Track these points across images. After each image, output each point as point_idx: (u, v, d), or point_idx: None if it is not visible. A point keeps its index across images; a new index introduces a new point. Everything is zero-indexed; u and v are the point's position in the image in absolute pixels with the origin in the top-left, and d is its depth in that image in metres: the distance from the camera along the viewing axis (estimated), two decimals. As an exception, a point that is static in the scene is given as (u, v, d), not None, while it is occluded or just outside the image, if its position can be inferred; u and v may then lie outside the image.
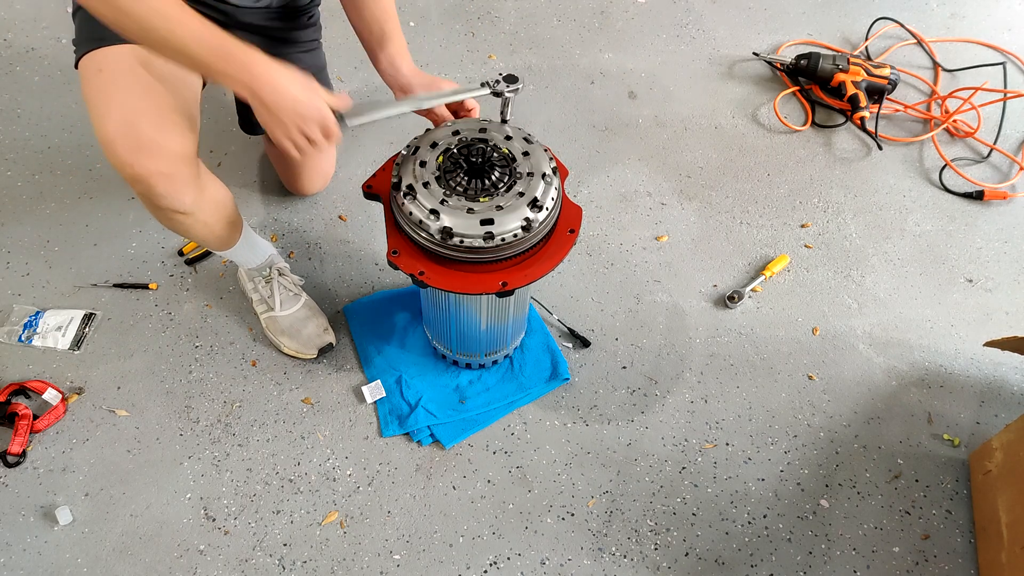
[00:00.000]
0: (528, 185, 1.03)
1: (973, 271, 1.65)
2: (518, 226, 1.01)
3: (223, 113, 1.77)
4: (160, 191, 1.03)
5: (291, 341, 1.40)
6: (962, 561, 1.26)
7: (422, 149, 1.06)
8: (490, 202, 1.02)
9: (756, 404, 1.42)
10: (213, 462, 1.30)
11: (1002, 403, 1.45)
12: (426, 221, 1.00)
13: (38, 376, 1.37)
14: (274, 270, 1.42)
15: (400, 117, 1.09)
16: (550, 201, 1.04)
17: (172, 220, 1.12)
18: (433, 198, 1.01)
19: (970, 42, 2.13)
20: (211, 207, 1.15)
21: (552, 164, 1.07)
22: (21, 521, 1.23)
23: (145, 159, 0.99)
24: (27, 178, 1.64)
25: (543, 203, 1.02)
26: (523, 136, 1.09)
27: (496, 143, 1.07)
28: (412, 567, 1.22)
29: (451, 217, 1.00)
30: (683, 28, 2.12)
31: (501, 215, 1.00)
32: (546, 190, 1.03)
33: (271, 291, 1.41)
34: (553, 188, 1.05)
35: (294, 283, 1.44)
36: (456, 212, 1.00)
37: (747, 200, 1.74)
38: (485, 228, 0.99)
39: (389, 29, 1.19)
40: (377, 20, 1.19)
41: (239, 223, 1.28)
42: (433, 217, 1.00)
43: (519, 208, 1.01)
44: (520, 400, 1.39)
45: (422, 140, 1.08)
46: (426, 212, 1.00)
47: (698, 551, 1.26)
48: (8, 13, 1.95)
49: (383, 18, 1.19)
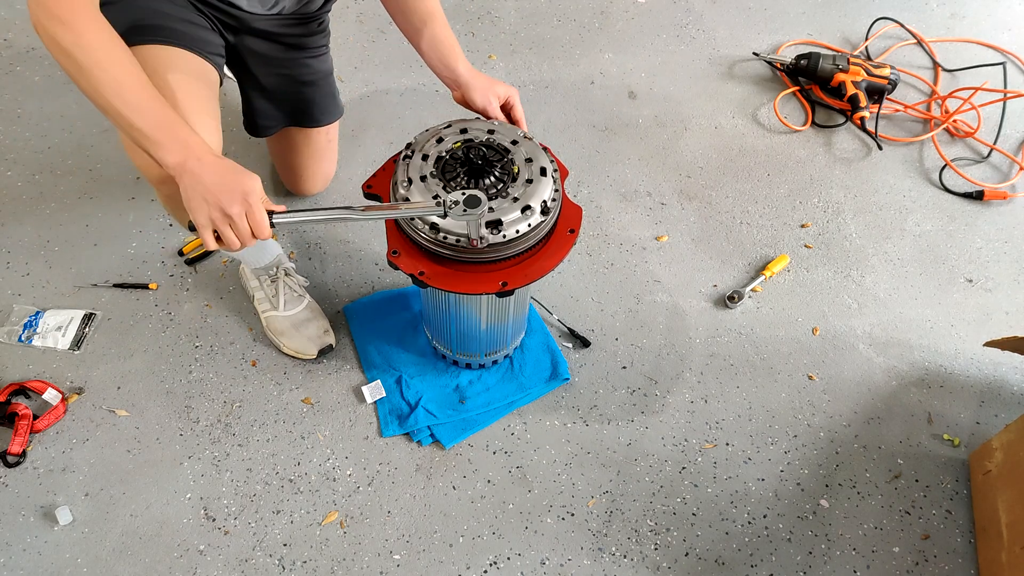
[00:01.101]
0: (523, 191, 1.03)
1: (973, 271, 1.65)
2: (524, 223, 1.01)
3: (223, 113, 1.76)
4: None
5: (291, 341, 1.40)
6: (962, 561, 1.26)
7: (428, 143, 1.07)
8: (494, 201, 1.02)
9: (756, 404, 1.42)
10: (213, 462, 1.30)
11: (1002, 403, 1.45)
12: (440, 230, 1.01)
13: (38, 376, 1.37)
14: (281, 270, 1.42)
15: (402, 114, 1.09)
16: (551, 198, 1.04)
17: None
18: (428, 192, 1.01)
19: (970, 42, 2.13)
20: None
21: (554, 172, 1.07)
22: (21, 521, 1.23)
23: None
24: (27, 178, 1.64)
25: (545, 198, 1.03)
26: (543, 165, 1.07)
27: (514, 158, 1.07)
28: (412, 567, 1.22)
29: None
30: (683, 28, 2.12)
31: (505, 213, 1.01)
32: (543, 186, 1.04)
33: (276, 291, 1.41)
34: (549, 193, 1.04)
35: (299, 284, 1.44)
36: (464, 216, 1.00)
37: (747, 200, 1.74)
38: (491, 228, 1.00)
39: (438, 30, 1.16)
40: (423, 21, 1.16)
41: None
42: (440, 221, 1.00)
43: (510, 213, 1.01)
44: (520, 400, 1.39)
45: (455, 124, 1.09)
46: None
47: (698, 551, 1.26)
48: (8, 13, 1.95)
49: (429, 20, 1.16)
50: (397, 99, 1.87)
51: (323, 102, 1.44)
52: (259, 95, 1.37)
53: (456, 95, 1.19)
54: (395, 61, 1.93)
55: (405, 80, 1.90)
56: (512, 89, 1.18)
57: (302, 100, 1.41)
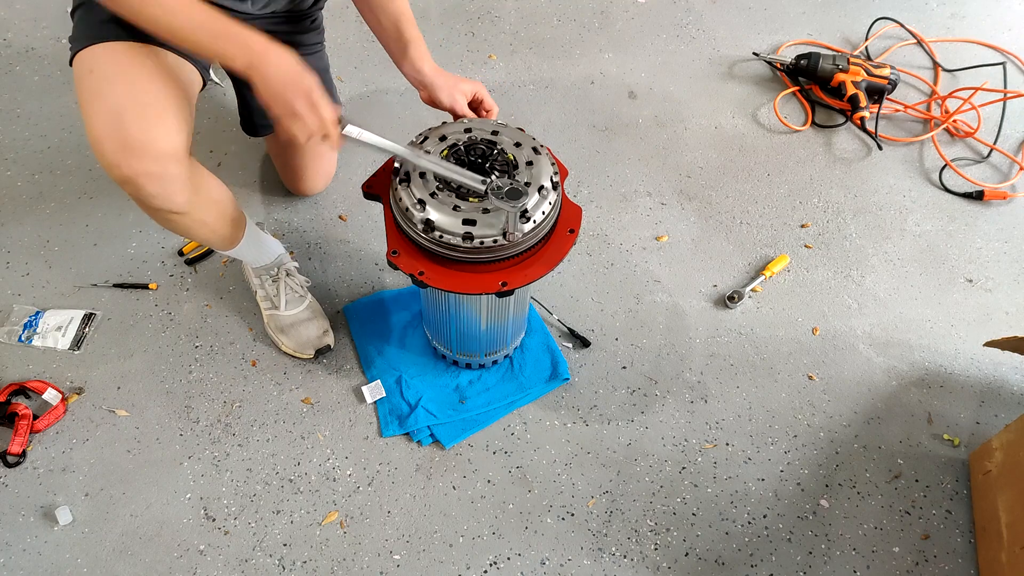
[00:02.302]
0: (530, 174, 1.04)
1: (973, 271, 1.65)
2: (498, 233, 1.01)
3: (223, 113, 1.77)
4: (150, 191, 1.01)
5: (290, 340, 1.40)
6: (962, 561, 1.26)
7: (430, 140, 1.07)
8: (479, 204, 1.02)
9: (756, 404, 1.42)
10: (213, 462, 1.30)
11: (1002, 403, 1.45)
12: (412, 210, 1.01)
13: (38, 376, 1.37)
14: (282, 270, 1.42)
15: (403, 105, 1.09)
16: (540, 215, 1.03)
17: (168, 220, 1.11)
18: (424, 189, 1.02)
19: (970, 42, 2.13)
20: (208, 206, 1.14)
21: (554, 177, 1.06)
22: (21, 521, 1.23)
23: (132, 159, 0.97)
24: (27, 178, 1.64)
25: (532, 216, 1.02)
26: (532, 146, 1.08)
27: (503, 147, 1.07)
28: (412, 567, 1.22)
29: (435, 211, 1.00)
30: (683, 28, 2.12)
31: (485, 218, 1.00)
32: (538, 204, 1.03)
33: (277, 291, 1.41)
34: (547, 203, 1.04)
35: (301, 284, 1.44)
36: (442, 207, 1.00)
37: (747, 200, 1.74)
38: (466, 228, 1.00)
39: (405, 29, 1.19)
40: (392, 21, 1.19)
41: (241, 222, 1.28)
42: (419, 207, 1.01)
43: (531, 199, 1.01)
44: (520, 400, 1.39)
45: (432, 132, 1.09)
46: (414, 200, 1.01)
47: (698, 551, 1.26)
48: (8, 13, 1.95)
49: (398, 19, 1.19)
50: (397, 99, 1.87)
51: None
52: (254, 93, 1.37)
53: (423, 95, 1.20)
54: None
55: (404, 80, 1.88)
56: (477, 84, 1.18)
57: None
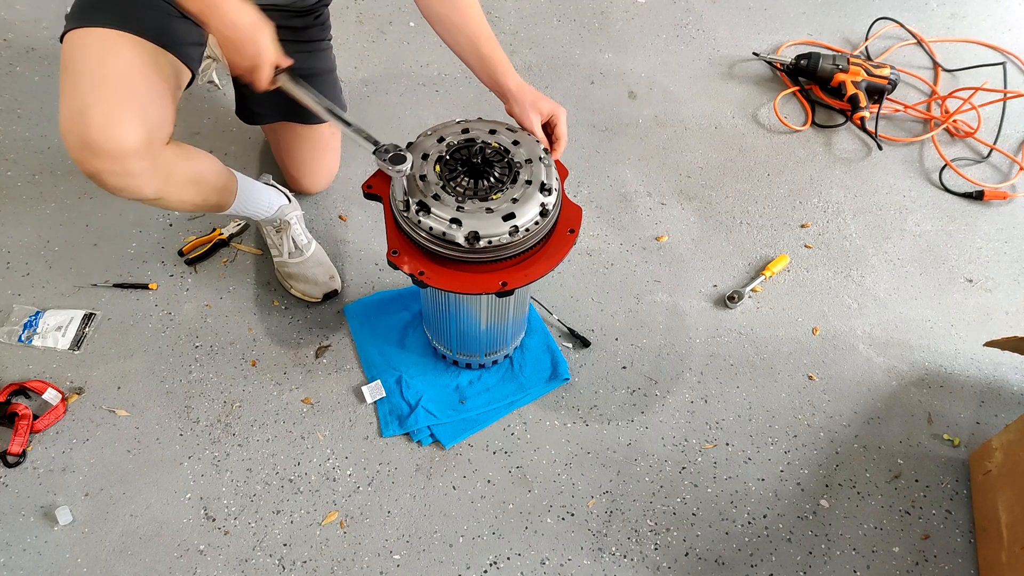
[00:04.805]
0: (532, 172, 1.05)
1: (973, 271, 1.65)
2: (537, 212, 1.02)
3: (223, 113, 1.77)
4: (113, 185, 1.01)
5: (299, 284, 1.47)
6: (962, 561, 1.26)
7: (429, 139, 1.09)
8: (503, 196, 1.02)
9: (756, 404, 1.42)
10: (213, 462, 1.30)
11: (1002, 403, 1.45)
12: (449, 232, 1.00)
13: (38, 376, 1.37)
14: (283, 222, 1.46)
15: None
16: (555, 182, 1.05)
17: (146, 203, 1.10)
18: (449, 208, 1.00)
19: (970, 42, 2.13)
20: (184, 187, 1.13)
21: (543, 147, 1.09)
22: (21, 521, 1.23)
23: (92, 158, 0.97)
24: (27, 178, 1.64)
25: (550, 185, 1.04)
26: (506, 127, 1.10)
27: (483, 140, 1.08)
28: (412, 567, 1.22)
29: (474, 220, 1.00)
30: (683, 28, 2.12)
31: (519, 207, 1.01)
32: (548, 172, 1.05)
33: (281, 240, 1.47)
34: (552, 170, 1.07)
35: (304, 233, 1.49)
36: (476, 215, 1.00)
37: (747, 200, 1.74)
38: (509, 223, 1.00)
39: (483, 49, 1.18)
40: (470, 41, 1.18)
41: (230, 186, 1.27)
42: (455, 226, 0.99)
43: (533, 195, 1.02)
44: (520, 400, 1.39)
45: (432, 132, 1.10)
46: (446, 223, 1.00)
47: (698, 551, 1.26)
48: (8, 13, 1.95)
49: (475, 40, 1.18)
50: (397, 99, 1.87)
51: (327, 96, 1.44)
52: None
53: (507, 107, 1.20)
54: (395, 61, 1.93)
55: (405, 80, 1.90)
56: (558, 108, 1.17)
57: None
